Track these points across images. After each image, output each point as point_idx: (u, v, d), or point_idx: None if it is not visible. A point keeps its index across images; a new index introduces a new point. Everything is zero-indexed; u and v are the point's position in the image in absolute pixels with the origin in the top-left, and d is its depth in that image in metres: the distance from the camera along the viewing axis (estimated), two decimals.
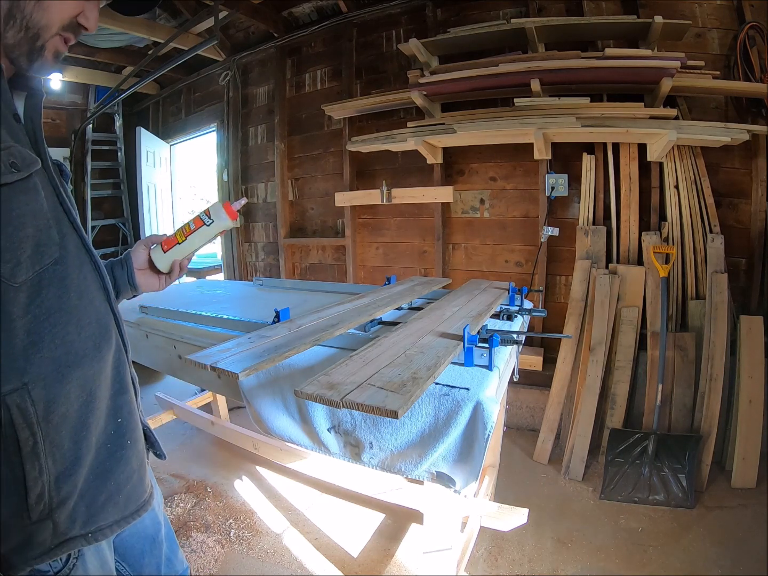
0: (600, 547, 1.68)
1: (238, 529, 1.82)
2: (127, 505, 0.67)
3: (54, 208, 0.61)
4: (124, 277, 0.85)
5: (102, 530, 0.64)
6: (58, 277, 0.59)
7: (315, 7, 3.19)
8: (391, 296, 1.45)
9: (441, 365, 0.85)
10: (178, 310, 1.46)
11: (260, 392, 1.07)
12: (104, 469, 0.64)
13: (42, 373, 0.56)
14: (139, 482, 0.70)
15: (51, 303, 0.57)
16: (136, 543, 0.81)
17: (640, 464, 2.01)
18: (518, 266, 2.73)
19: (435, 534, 1.04)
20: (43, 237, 0.57)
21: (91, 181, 4.47)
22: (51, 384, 0.57)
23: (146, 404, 2.95)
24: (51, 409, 0.57)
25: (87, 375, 0.61)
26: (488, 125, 2.35)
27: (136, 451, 0.70)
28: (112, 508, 0.65)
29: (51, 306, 0.57)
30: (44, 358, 0.56)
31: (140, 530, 0.81)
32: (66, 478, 0.59)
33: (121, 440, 0.67)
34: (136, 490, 0.69)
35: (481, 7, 2.69)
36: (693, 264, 2.24)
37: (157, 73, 3.34)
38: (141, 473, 0.71)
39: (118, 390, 0.67)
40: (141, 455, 0.72)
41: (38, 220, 0.56)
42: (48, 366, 0.57)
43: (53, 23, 0.57)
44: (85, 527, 0.62)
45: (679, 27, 2.16)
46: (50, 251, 0.58)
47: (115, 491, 0.65)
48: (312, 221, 3.51)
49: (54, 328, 0.58)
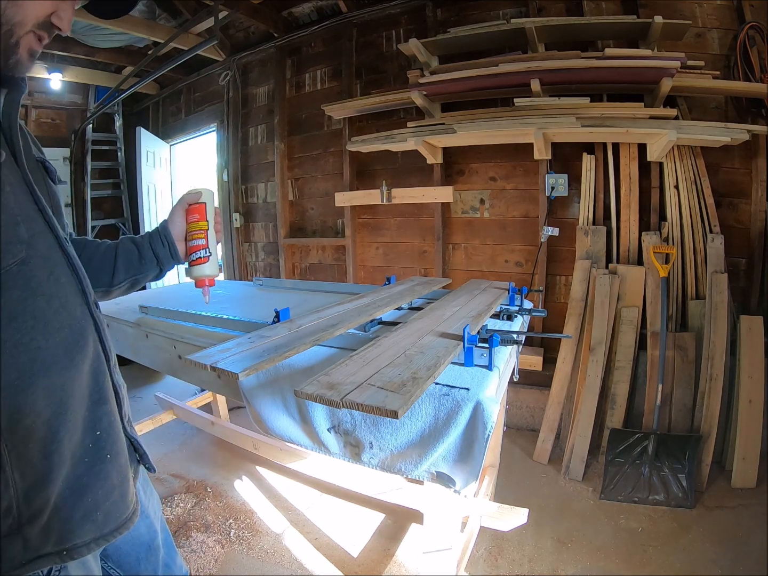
0: (600, 547, 1.68)
1: (238, 529, 1.82)
2: (106, 523, 0.63)
3: (23, 205, 0.58)
4: (166, 253, 0.85)
5: (78, 548, 0.60)
6: (23, 278, 0.55)
7: (315, 7, 3.19)
8: (391, 296, 1.45)
9: (441, 365, 0.84)
10: (178, 310, 1.46)
11: (260, 392, 1.07)
12: (81, 485, 0.60)
13: (3, 381, 0.52)
14: (120, 499, 0.66)
15: (13, 306, 0.53)
16: (131, 550, 0.79)
17: (640, 464, 2.01)
18: (518, 266, 2.73)
19: (435, 534, 1.04)
20: (7, 235, 0.53)
21: (91, 181, 4.47)
22: (14, 393, 0.53)
23: (146, 404, 2.98)
24: (15, 419, 0.53)
25: (56, 384, 0.57)
26: (488, 125, 2.35)
27: (117, 466, 0.66)
28: (90, 525, 0.61)
29: (13, 309, 0.53)
30: (6, 365, 0.52)
31: (135, 537, 0.79)
32: (37, 493, 0.56)
33: (99, 454, 0.63)
34: (116, 507, 0.65)
35: (481, 7, 2.69)
36: (693, 264, 2.24)
37: (157, 73, 3.35)
38: (123, 489, 0.67)
39: (96, 400, 0.63)
40: (123, 470, 0.67)
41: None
42: (10, 374, 0.53)
43: (27, 20, 0.56)
44: (59, 544, 0.58)
45: (679, 27, 2.16)
46: (14, 250, 0.54)
47: (93, 508, 0.61)
48: (312, 221, 3.51)
49: (17, 334, 0.53)
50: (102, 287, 0.83)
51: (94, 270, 0.82)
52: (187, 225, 0.87)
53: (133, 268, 0.84)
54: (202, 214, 0.86)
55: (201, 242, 0.85)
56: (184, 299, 1.85)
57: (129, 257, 0.84)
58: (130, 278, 0.85)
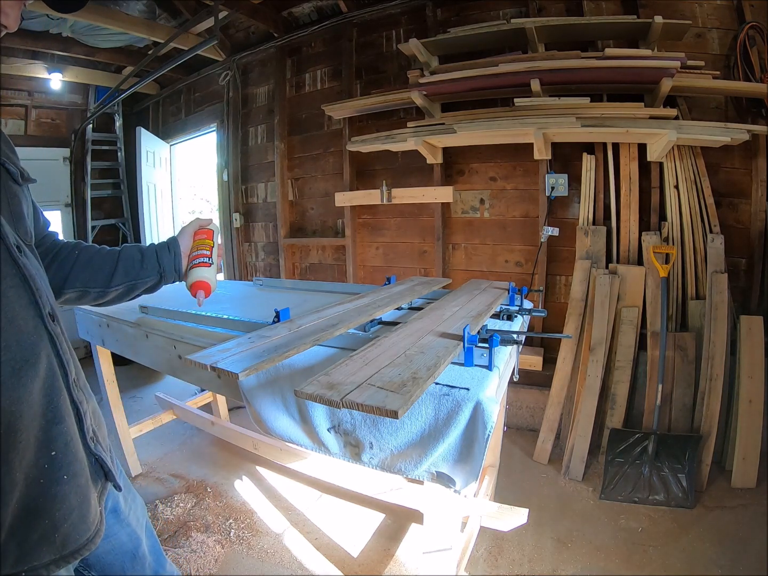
0: (600, 547, 1.68)
1: (238, 529, 1.82)
2: (65, 545, 0.61)
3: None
4: (171, 263, 0.85)
5: (36, 569, 0.57)
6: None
7: (315, 7, 3.19)
8: (391, 296, 1.45)
9: (441, 365, 0.84)
10: (178, 310, 1.46)
11: (260, 392, 1.07)
12: (36, 507, 0.58)
13: None
14: (80, 521, 0.63)
15: None
16: (115, 560, 0.78)
17: (640, 464, 2.01)
18: (518, 266, 2.73)
19: (435, 534, 1.04)
20: None
21: (91, 181, 4.47)
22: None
23: (146, 404, 2.98)
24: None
25: (1, 406, 0.54)
26: (488, 125, 2.35)
27: (75, 487, 0.62)
28: (47, 547, 0.58)
29: None
30: None
31: (116, 547, 0.78)
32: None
33: (56, 475, 0.60)
34: (76, 529, 0.62)
35: (481, 7, 2.69)
36: (693, 264, 2.24)
37: (157, 73, 3.35)
38: (83, 510, 0.63)
39: (50, 419, 0.59)
40: (82, 490, 0.64)
41: None
42: None
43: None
44: (17, 566, 0.56)
45: (679, 27, 2.16)
46: None
47: (51, 530, 0.59)
48: (312, 221, 3.52)
49: None
50: (98, 287, 0.83)
51: (93, 269, 0.82)
52: (194, 242, 0.91)
53: (134, 272, 0.85)
54: (210, 236, 0.92)
55: (206, 252, 0.89)
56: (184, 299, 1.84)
57: (131, 262, 0.85)
58: (128, 282, 0.85)
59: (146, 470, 2.24)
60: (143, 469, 2.25)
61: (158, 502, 1.95)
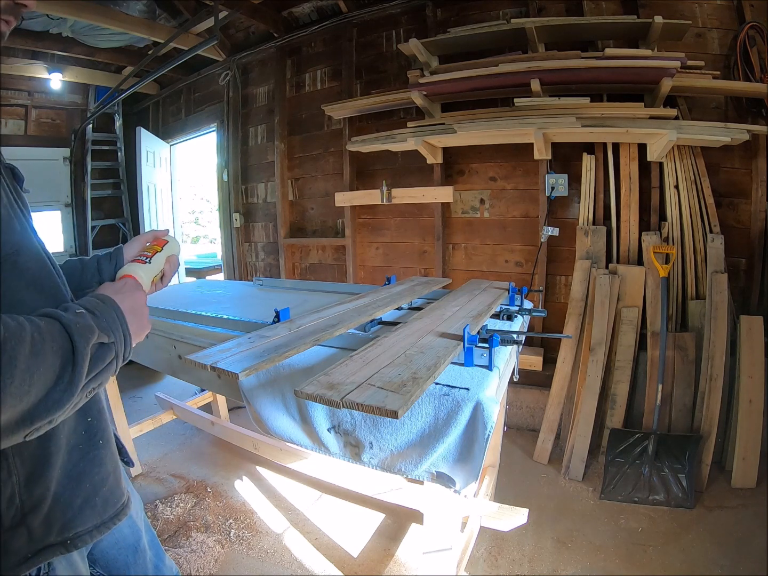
0: (600, 547, 1.68)
1: (238, 529, 1.82)
2: (105, 509, 0.64)
3: None
4: (110, 271, 0.83)
5: (81, 536, 0.60)
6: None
7: (315, 7, 3.19)
8: (391, 296, 1.45)
9: (441, 365, 0.85)
10: (178, 310, 1.46)
11: (260, 392, 1.07)
12: (78, 471, 0.61)
13: None
14: (115, 485, 0.67)
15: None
16: (119, 555, 0.79)
17: (640, 464, 2.01)
18: (518, 266, 2.73)
19: (435, 534, 1.04)
20: None
21: (91, 181, 4.47)
22: None
23: (146, 404, 2.98)
24: None
25: None
26: (488, 125, 2.35)
27: (109, 452, 0.67)
28: (90, 511, 0.62)
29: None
30: None
31: (119, 540, 0.79)
32: (36, 480, 0.56)
33: (93, 440, 0.64)
34: (113, 492, 0.66)
35: (481, 7, 2.69)
36: (693, 264, 2.24)
37: (157, 73, 3.34)
38: (117, 475, 0.68)
39: None
40: (115, 457, 0.69)
41: None
42: None
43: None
44: (63, 533, 0.58)
45: (679, 27, 2.16)
46: None
47: (92, 494, 0.62)
48: (312, 221, 3.52)
49: None
50: None
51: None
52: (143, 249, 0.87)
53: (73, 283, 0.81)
54: (161, 245, 0.86)
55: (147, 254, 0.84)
56: (184, 299, 1.85)
57: (71, 271, 0.82)
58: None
59: (146, 470, 2.24)
60: (143, 469, 2.25)
61: (158, 502, 1.95)
